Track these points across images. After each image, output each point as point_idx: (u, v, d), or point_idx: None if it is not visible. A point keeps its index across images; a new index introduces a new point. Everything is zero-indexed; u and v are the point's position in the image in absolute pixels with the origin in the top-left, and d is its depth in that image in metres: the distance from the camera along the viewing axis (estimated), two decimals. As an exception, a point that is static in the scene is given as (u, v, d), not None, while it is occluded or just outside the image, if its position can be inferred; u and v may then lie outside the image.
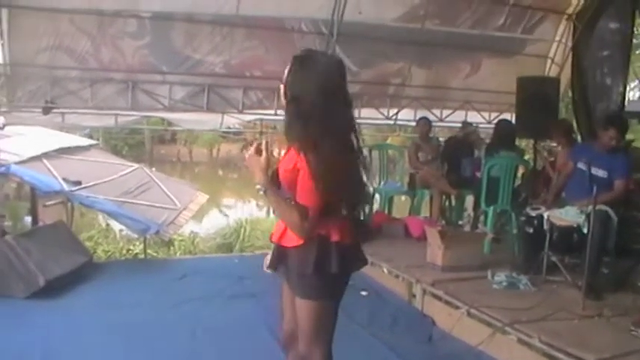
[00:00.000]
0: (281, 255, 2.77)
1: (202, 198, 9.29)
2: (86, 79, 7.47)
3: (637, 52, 9.76)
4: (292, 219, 2.59)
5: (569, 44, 9.49)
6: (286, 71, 2.63)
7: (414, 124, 8.76)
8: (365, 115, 8.96)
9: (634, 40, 9.60)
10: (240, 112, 8.39)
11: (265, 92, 8.46)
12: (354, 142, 2.66)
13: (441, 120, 9.64)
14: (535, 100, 7.91)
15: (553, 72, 9.76)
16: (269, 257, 3.04)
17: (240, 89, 8.31)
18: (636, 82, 15.31)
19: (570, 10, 9.44)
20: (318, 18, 8.18)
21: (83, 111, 7.70)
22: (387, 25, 8.53)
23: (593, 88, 8.91)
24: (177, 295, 5.66)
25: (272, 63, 8.08)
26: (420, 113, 9.07)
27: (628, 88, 9.04)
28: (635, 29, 8.76)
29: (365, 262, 2.88)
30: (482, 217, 7.22)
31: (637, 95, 15.22)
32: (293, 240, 2.67)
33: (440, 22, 8.84)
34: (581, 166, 5.41)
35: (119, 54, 7.54)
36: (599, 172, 5.43)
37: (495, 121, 8.93)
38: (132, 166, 9.16)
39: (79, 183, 7.04)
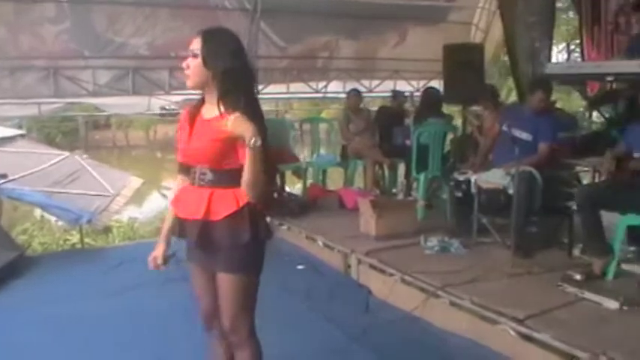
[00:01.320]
0: (204, 232, 2.68)
1: (136, 182, 9.17)
2: (5, 68, 7.17)
3: (563, 16, 9.95)
4: (261, 179, 2.57)
5: (493, 10, 9.63)
6: (198, 44, 2.66)
7: (344, 95, 8.76)
8: (294, 90, 8.96)
9: (558, 4, 9.80)
10: (167, 93, 8.22)
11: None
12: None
13: (371, 91, 9.68)
14: (461, 66, 8.01)
15: (478, 38, 9.90)
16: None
17: (166, 70, 8.13)
18: (563, 44, 15.81)
19: (492, -24, 9.56)
20: (242, -6, 8.06)
21: (3, 101, 7.43)
22: (311, -1, 8.48)
23: (522, 52, 9.06)
24: (113, 283, 5.52)
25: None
26: (350, 85, 9.06)
27: (555, 50, 9.23)
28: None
29: (272, 233, 2.87)
30: (415, 185, 7.30)
31: (564, 57, 15.70)
32: (222, 211, 2.63)
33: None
34: (504, 128, 5.51)
35: (39, 40, 7.22)
36: (523, 135, 5.56)
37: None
38: (61, 154, 8.96)
39: (4, 176, 6.82)
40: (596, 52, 7.92)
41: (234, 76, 2.62)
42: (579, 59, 8.80)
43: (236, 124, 2.48)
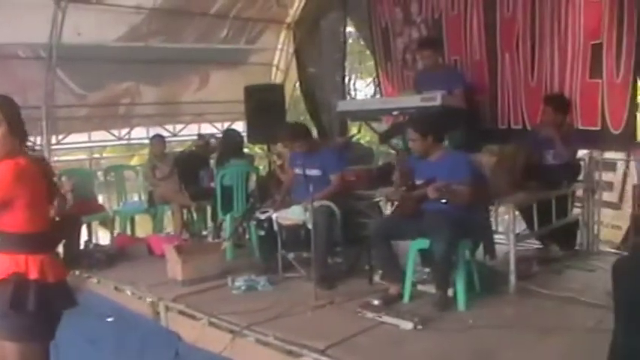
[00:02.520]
0: None
1: None
2: None
3: (366, 52, 10.51)
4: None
5: (291, 51, 10.02)
6: None
7: (147, 141, 8.66)
8: (96, 138, 8.73)
9: (362, 42, 10.31)
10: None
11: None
12: None
13: (175, 135, 9.67)
14: (263, 106, 8.28)
15: (279, 78, 10.22)
16: None
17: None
18: (369, 79, 16.60)
19: (289, 20, 9.94)
20: (36, 42, 7.75)
21: None
22: (109, 46, 8.33)
23: (318, 89, 9.49)
24: None
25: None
26: (153, 130, 8.98)
27: (365, 84, 9.71)
28: (350, 31, 9.46)
29: (74, 303, 2.78)
30: (224, 226, 7.35)
31: (371, 91, 16.42)
32: None
33: (164, 38, 8.85)
34: (297, 170, 5.73)
35: None
36: (314, 172, 5.79)
37: (227, 130, 9.11)
38: None
39: None
40: (391, 86, 8.37)
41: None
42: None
43: None
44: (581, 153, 6.49)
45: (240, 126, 9.22)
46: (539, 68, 6.64)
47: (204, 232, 8.08)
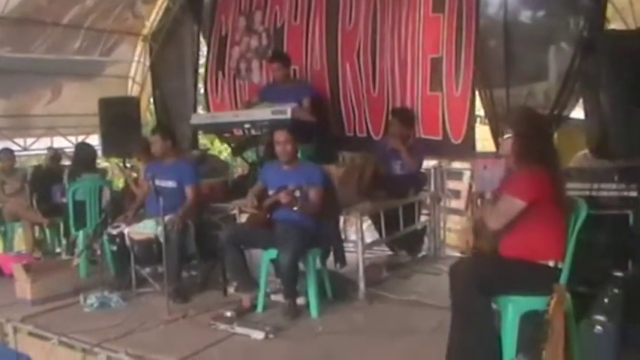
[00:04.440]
0: None
1: None
2: None
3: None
4: None
5: (147, 63, 9.95)
6: None
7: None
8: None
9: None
10: None
11: None
12: None
13: (26, 149, 9.35)
14: (118, 119, 8.19)
15: (135, 91, 10.12)
16: None
17: None
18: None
19: (145, 32, 9.88)
20: None
21: None
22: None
23: (173, 102, 9.47)
24: None
25: None
26: (2, 144, 8.62)
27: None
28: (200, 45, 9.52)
29: None
30: (77, 242, 7.19)
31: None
32: None
33: (12, 48, 8.52)
34: (150, 182, 5.73)
35: None
36: (169, 183, 5.84)
37: (80, 144, 8.90)
38: None
39: None
40: (219, 98, 8.48)
41: None
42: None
43: None
44: (428, 164, 6.86)
45: (94, 139, 9.02)
46: (380, 79, 6.97)
47: (58, 250, 7.84)
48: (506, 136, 4.04)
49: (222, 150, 11.68)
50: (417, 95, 6.60)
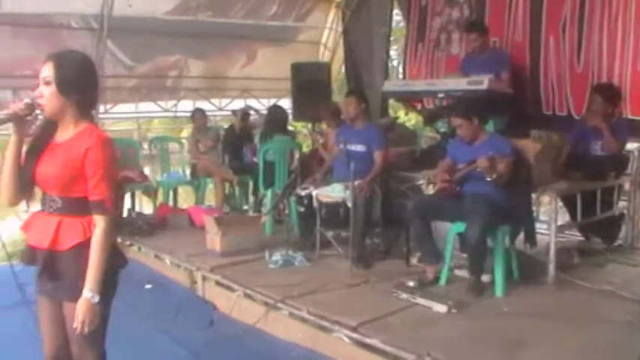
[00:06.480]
0: (49, 262, 2.58)
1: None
2: None
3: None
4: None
5: (340, 30, 9.96)
6: (50, 71, 2.54)
7: (193, 114, 8.75)
8: (143, 109, 8.88)
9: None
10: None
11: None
12: None
13: (221, 109, 9.73)
14: (309, 84, 8.29)
15: (326, 57, 10.16)
16: None
17: (9, 90, 7.78)
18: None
19: (339, -1, 9.89)
20: (87, 13, 7.82)
21: None
22: (159, 18, 8.37)
23: (364, 69, 9.44)
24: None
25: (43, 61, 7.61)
26: (200, 104, 9.08)
27: (400, 68, 9.61)
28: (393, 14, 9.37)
29: (126, 262, 2.82)
30: (265, 200, 7.40)
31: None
32: (68, 241, 2.55)
33: (213, 13, 8.86)
34: (341, 146, 5.72)
35: None
36: (358, 147, 5.79)
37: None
38: None
39: None
40: (417, 69, 8.31)
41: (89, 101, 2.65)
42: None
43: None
44: (630, 146, 6.33)
45: (285, 103, 9.21)
46: (585, 54, 6.48)
47: (245, 207, 8.14)
48: None
49: (408, 120, 11.51)
50: (626, 71, 6.12)
